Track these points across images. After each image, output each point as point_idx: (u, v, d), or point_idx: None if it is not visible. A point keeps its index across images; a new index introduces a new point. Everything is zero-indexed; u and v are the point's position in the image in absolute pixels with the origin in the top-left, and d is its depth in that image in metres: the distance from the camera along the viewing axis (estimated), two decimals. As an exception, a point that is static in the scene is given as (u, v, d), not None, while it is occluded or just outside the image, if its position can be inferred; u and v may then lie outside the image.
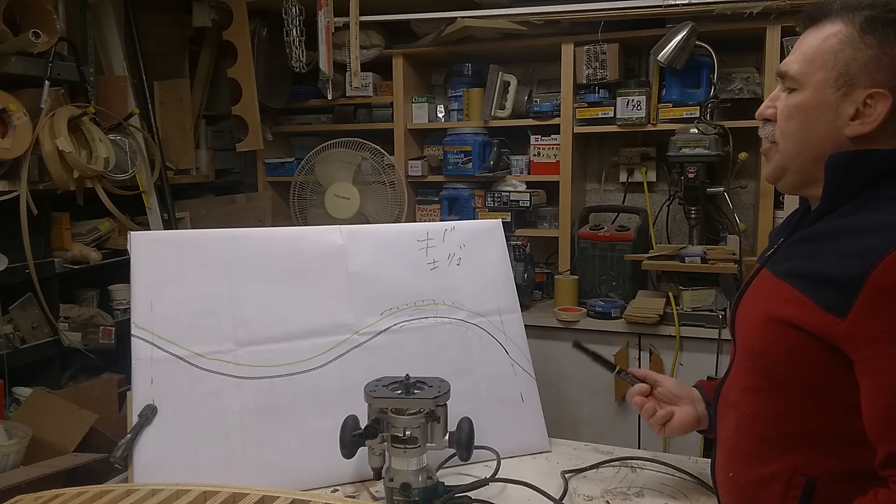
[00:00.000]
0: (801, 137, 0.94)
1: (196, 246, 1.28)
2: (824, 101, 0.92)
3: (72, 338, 2.25)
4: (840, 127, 0.91)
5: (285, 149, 3.12)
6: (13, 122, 1.96)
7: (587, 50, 2.47)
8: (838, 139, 0.91)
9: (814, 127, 0.93)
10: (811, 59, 0.93)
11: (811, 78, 0.93)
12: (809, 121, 0.93)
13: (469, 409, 1.16)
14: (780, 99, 0.97)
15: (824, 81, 0.92)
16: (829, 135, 0.92)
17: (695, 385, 1.20)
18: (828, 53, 0.91)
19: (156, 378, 1.18)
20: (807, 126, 0.93)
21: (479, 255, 1.45)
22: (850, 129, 0.90)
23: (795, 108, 0.94)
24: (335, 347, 1.28)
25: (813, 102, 0.93)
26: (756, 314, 0.95)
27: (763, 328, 0.92)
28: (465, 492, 1.11)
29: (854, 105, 0.90)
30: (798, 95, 0.94)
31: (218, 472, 1.14)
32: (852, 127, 0.90)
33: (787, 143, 0.96)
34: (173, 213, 2.56)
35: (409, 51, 2.74)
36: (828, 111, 0.92)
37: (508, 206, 2.62)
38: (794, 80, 0.95)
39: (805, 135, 0.94)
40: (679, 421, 1.14)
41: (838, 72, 0.91)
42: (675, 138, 2.28)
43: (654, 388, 1.19)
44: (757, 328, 0.94)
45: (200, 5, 2.64)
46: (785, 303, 0.89)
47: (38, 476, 1.65)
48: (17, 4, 2.01)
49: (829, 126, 0.92)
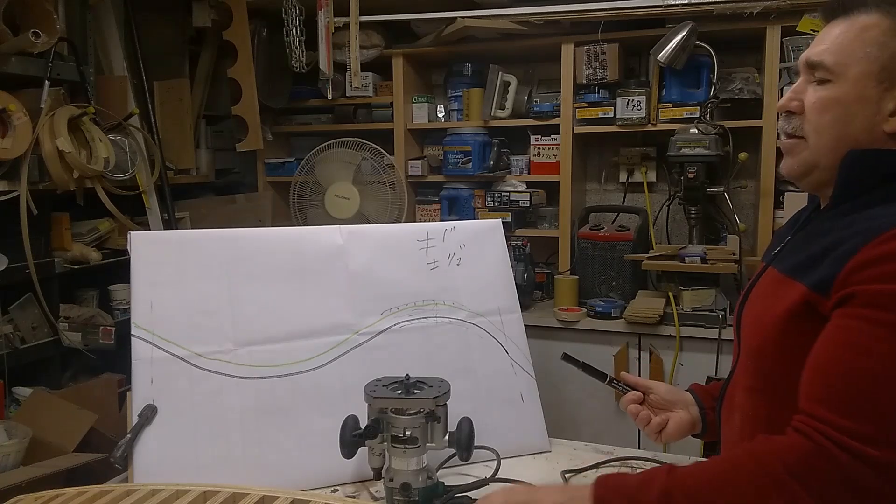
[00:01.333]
0: (838, 132, 0.89)
1: (196, 246, 1.28)
2: (865, 94, 0.88)
3: (72, 338, 2.25)
4: (879, 122, 0.88)
5: (285, 149, 3.12)
6: (13, 122, 1.96)
7: (587, 50, 2.47)
8: (875, 135, 0.88)
9: (852, 121, 0.88)
10: (850, 51, 0.88)
11: (850, 70, 0.88)
12: (848, 115, 0.89)
13: (469, 409, 1.16)
14: (809, 91, 0.93)
15: (865, 74, 0.88)
16: (866, 130, 0.88)
17: (688, 389, 1.19)
18: (870, 45, 0.88)
19: (156, 378, 1.18)
20: (844, 120, 0.89)
21: (479, 255, 1.45)
22: (890, 125, 0.87)
23: (833, 101, 0.89)
24: (335, 347, 1.28)
25: (853, 96, 0.88)
26: (761, 314, 0.94)
27: (771, 329, 0.90)
28: (465, 492, 1.11)
29: (894, 100, 0.87)
30: (834, 88, 0.89)
31: (218, 472, 1.14)
32: (892, 123, 0.87)
33: (822, 138, 0.91)
34: (173, 213, 2.56)
35: (409, 51, 2.74)
36: (868, 105, 0.88)
37: (508, 206, 2.62)
38: (830, 70, 0.89)
39: (841, 129, 0.89)
40: (674, 427, 1.14)
41: (881, 65, 0.87)
42: (675, 138, 2.28)
43: (646, 394, 1.18)
44: (763, 329, 0.92)
45: (200, 5, 2.64)
46: (790, 301, 0.88)
47: (38, 476, 1.65)
48: (17, 4, 2.01)
49: (868, 121, 0.88)
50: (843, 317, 0.81)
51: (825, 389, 0.80)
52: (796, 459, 0.77)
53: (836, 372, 0.80)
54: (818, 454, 0.77)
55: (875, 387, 0.77)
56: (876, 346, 0.77)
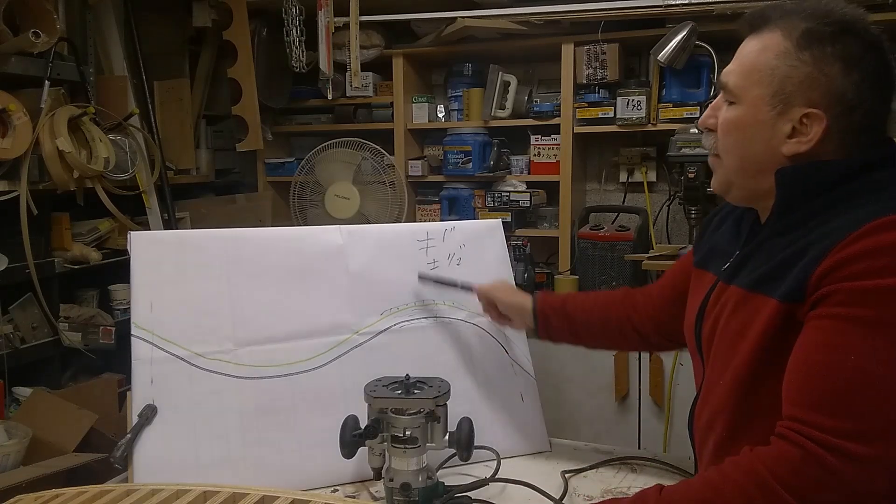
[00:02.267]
0: (740, 154, 0.92)
1: (196, 246, 1.28)
2: (760, 118, 0.89)
3: (72, 338, 2.25)
4: (777, 145, 0.88)
5: (285, 149, 3.11)
6: (13, 122, 1.96)
7: (587, 50, 2.47)
8: (776, 156, 0.89)
9: (752, 144, 0.90)
10: (748, 73, 0.90)
11: (748, 93, 0.90)
12: (747, 137, 0.90)
13: (469, 409, 1.16)
14: (721, 110, 0.94)
15: (761, 98, 0.89)
16: (767, 152, 0.90)
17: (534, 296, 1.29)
18: (764, 69, 0.88)
19: (156, 378, 1.18)
20: (745, 143, 0.91)
21: (479, 255, 1.45)
22: (787, 148, 0.88)
23: (733, 124, 0.92)
24: (335, 347, 1.28)
25: (750, 119, 0.90)
26: (735, 335, 0.91)
27: (750, 348, 0.88)
28: (465, 492, 1.11)
29: (790, 123, 0.87)
30: (736, 109, 0.91)
31: (218, 472, 1.14)
32: (789, 145, 0.88)
33: (729, 159, 0.94)
34: (173, 213, 2.56)
35: (409, 51, 2.74)
36: (764, 129, 0.89)
37: (508, 206, 2.62)
38: (732, 93, 0.92)
39: (744, 151, 0.91)
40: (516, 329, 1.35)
41: (774, 89, 0.88)
42: (675, 138, 2.27)
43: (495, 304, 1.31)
44: (740, 350, 0.90)
45: (200, 5, 2.64)
46: (764, 317, 0.87)
47: (38, 476, 1.65)
48: (17, 4, 2.01)
49: (766, 144, 0.89)
50: (818, 318, 0.81)
51: (806, 392, 0.80)
52: (783, 467, 0.77)
53: (816, 373, 0.79)
54: (804, 459, 0.76)
55: (856, 383, 0.77)
56: (853, 343, 0.77)
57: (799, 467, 0.76)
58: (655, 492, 0.85)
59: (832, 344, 0.79)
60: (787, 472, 0.77)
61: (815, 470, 0.75)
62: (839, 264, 0.79)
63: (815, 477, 0.75)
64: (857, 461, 0.74)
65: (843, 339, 0.78)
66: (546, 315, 1.26)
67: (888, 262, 0.76)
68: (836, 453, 0.75)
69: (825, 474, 0.75)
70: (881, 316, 0.76)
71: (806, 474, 0.76)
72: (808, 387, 0.80)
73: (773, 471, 0.77)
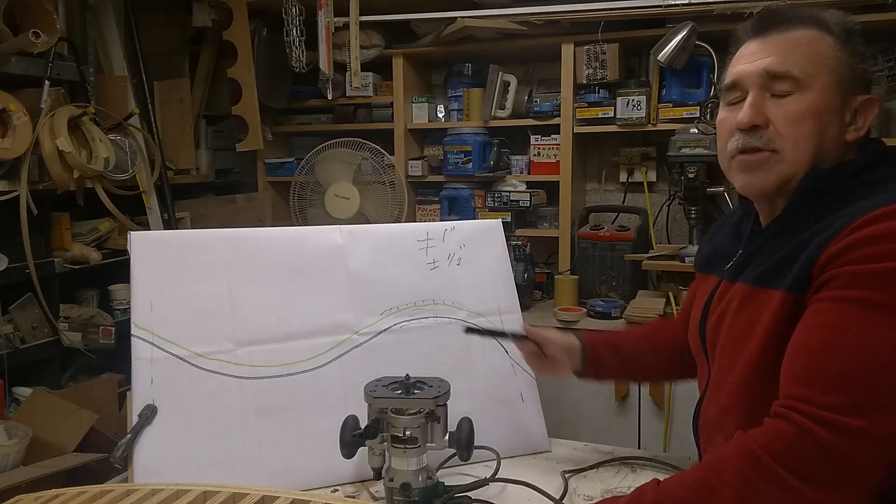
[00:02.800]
0: (815, 142, 0.89)
1: (196, 246, 1.28)
2: (832, 105, 0.89)
3: (72, 338, 2.25)
4: (843, 132, 0.90)
5: (285, 149, 3.12)
6: (13, 122, 1.96)
7: (587, 50, 2.47)
8: (839, 144, 0.91)
9: (827, 131, 0.90)
10: (812, 61, 0.89)
11: (817, 81, 0.89)
12: (822, 125, 0.89)
13: (469, 409, 1.16)
14: (769, 105, 0.91)
15: (829, 85, 0.89)
16: (837, 139, 0.90)
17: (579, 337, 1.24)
18: (828, 58, 0.89)
19: (156, 378, 1.18)
20: (819, 130, 0.89)
21: (479, 254, 1.45)
22: (850, 134, 0.90)
23: (808, 112, 0.89)
24: (335, 347, 1.28)
25: (824, 106, 0.89)
26: (743, 331, 0.93)
27: (759, 342, 0.89)
28: (465, 492, 1.11)
29: (850, 111, 0.90)
30: (804, 99, 0.89)
31: (218, 472, 1.14)
32: (850, 132, 0.90)
33: (800, 150, 0.90)
34: (173, 213, 2.56)
35: (409, 51, 2.74)
36: (836, 115, 0.90)
37: (508, 206, 2.62)
38: (798, 81, 0.89)
39: (819, 140, 0.89)
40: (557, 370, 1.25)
41: (840, 76, 0.89)
42: (675, 138, 2.28)
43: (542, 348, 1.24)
44: (749, 345, 0.91)
45: (200, 5, 2.64)
46: (771, 310, 0.88)
47: (38, 476, 1.65)
48: (17, 4, 2.01)
49: (838, 130, 0.90)
50: (818, 301, 0.82)
51: (801, 369, 0.81)
52: (777, 444, 0.78)
53: (812, 351, 0.81)
54: (798, 435, 0.77)
55: (850, 360, 0.78)
56: (849, 322, 0.78)
57: (793, 443, 0.77)
58: (653, 485, 0.86)
59: (829, 324, 0.80)
60: (781, 448, 0.77)
61: (809, 445, 0.76)
62: (841, 251, 0.80)
63: (809, 452, 0.76)
64: (850, 435, 0.75)
65: (840, 318, 0.79)
66: (595, 350, 1.22)
67: (888, 247, 0.78)
68: (829, 427, 0.75)
69: (819, 449, 0.76)
70: (879, 297, 0.77)
71: (800, 449, 0.76)
72: (803, 364, 0.81)
73: (768, 448, 0.78)
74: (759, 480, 0.77)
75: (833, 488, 0.75)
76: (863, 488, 0.76)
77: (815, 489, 0.75)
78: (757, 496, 0.77)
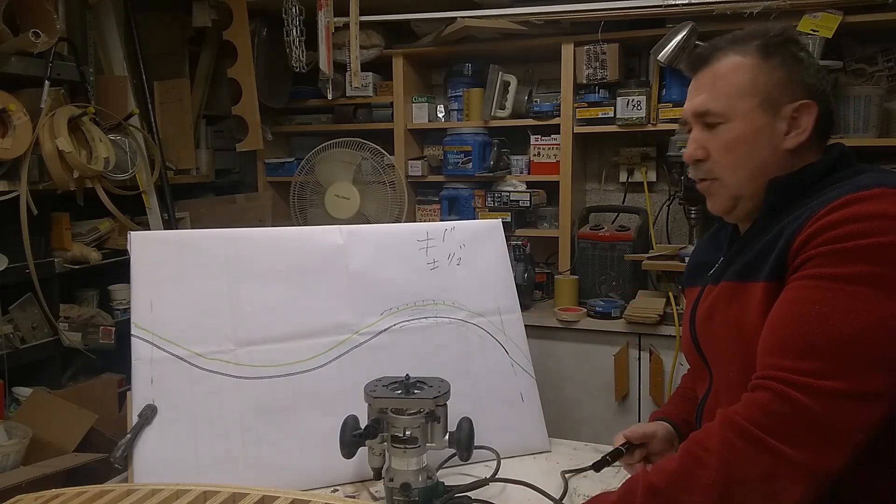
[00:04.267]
0: (749, 164, 0.99)
1: (196, 246, 1.28)
2: (758, 125, 0.97)
3: (72, 338, 2.25)
4: (779, 144, 0.97)
5: (285, 149, 3.12)
6: (13, 122, 1.96)
7: (587, 50, 2.47)
8: (779, 155, 0.98)
9: (758, 151, 0.98)
10: (729, 92, 0.98)
11: (737, 109, 0.98)
12: (752, 147, 0.98)
13: (469, 409, 1.16)
14: (705, 138, 1.01)
15: (752, 108, 0.97)
16: (772, 154, 0.98)
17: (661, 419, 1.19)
18: (744, 83, 0.97)
19: (156, 378, 1.18)
20: (751, 153, 0.98)
21: (479, 255, 1.45)
22: (789, 143, 0.97)
23: (735, 140, 0.99)
24: (335, 347, 1.28)
25: (749, 130, 0.98)
26: (736, 325, 0.97)
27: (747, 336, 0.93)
28: (465, 492, 1.11)
29: (785, 121, 0.96)
30: (730, 128, 0.98)
31: (218, 472, 1.14)
32: (790, 139, 0.97)
33: (737, 174, 1.00)
34: (173, 213, 2.56)
35: (409, 51, 2.74)
36: (765, 133, 0.97)
37: (508, 206, 2.62)
38: (721, 115, 0.98)
39: (751, 160, 0.99)
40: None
41: (761, 97, 0.97)
42: (675, 138, 2.27)
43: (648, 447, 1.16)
44: (739, 341, 0.95)
45: (200, 5, 2.64)
46: (756, 301, 0.93)
47: (38, 476, 1.65)
48: (17, 4, 2.01)
49: (771, 146, 0.97)
50: (794, 281, 0.88)
51: (774, 340, 0.86)
52: (755, 410, 0.82)
53: (784, 323, 0.86)
54: (773, 399, 0.81)
55: (820, 327, 0.82)
56: (818, 295, 0.84)
57: (769, 407, 0.81)
58: (643, 472, 0.89)
59: (800, 298, 0.86)
60: (759, 414, 0.82)
61: (784, 407, 0.80)
62: (812, 235, 0.86)
63: (785, 412, 0.80)
64: (824, 396, 0.79)
65: (810, 293, 0.85)
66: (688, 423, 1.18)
67: (851, 228, 0.84)
68: (803, 390, 0.80)
69: (794, 409, 0.80)
70: (845, 271, 0.83)
71: (777, 412, 0.81)
72: (776, 336, 0.86)
73: (747, 416, 0.82)
74: (742, 445, 0.81)
75: (812, 447, 0.79)
76: (843, 448, 0.79)
77: (796, 448, 0.79)
78: (741, 459, 0.81)
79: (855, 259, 0.82)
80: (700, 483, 0.82)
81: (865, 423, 0.80)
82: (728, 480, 0.80)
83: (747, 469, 0.80)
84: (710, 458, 0.82)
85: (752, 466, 0.80)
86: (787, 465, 0.79)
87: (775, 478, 0.79)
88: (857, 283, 0.82)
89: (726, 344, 0.99)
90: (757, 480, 0.80)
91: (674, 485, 0.83)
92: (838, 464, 0.79)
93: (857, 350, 0.80)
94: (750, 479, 0.80)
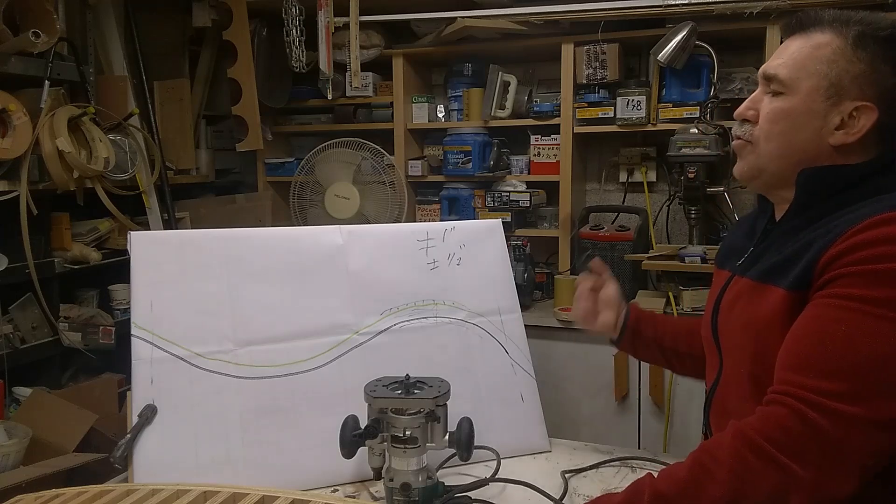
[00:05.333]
0: (786, 141, 0.96)
1: (196, 246, 1.28)
2: (813, 108, 0.94)
3: (72, 338, 2.25)
4: (825, 135, 0.94)
5: (285, 149, 3.11)
6: (13, 122, 1.96)
7: (587, 50, 2.47)
8: (821, 146, 0.95)
9: (799, 132, 0.95)
10: (802, 66, 0.95)
11: (801, 84, 0.95)
12: (796, 126, 0.95)
13: (469, 409, 1.16)
14: (764, 101, 0.99)
15: (815, 89, 0.94)
16: (812, 141, 0.95)
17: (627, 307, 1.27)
18: (821, 62, 0.94)
19: (156, 378, 1.18)
20: (792, 130, 0.96)
21: (479, 255, 1.45)
22: (834, 139, 0.94)
23: (783, 112, 0.96)
24: (335, 347, 1.28)
25: (802, 108, 0.95)
26: (747, 322, 0.97)
27: (761, 334, 0.93)
28: (465, 492, 1.11)
29: (840, 115, 0.93)
30: (786, 100, 0.96)
31: (218, 472, 1.14)
32: (836, 136, 0.93)
33: (770, 146, 0.97)
34: (173, 213, 2.56)
35: (409, 51, 2.74)
36: (815, 118, 0.94)
37: (508, 206, 2.62)
38: (784, 84, 0.96)
39: (790, 139, 0.96)
40: (601, 324, 1.24)
41: (830, 81, 0.93)
42: (675, 138, 2.27)
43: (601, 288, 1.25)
44: (752, 335, 0.95)
45: (200, 5, 2.64)
46: (771, 305, 0.92)
47: (38, 476, 1.65)
48: (17, 4, 2.01)
49: (815, 133, 0.94)
50: (819, 298, 0.86)
51: (795, 356, 0.85)
52: (769, 425, 0.81)
53: (807, 341, 0.85)
54: (789, 416, 0.81)
55: (844, 348, 0.81)
56: (844, 315, 0.82)
57: (784, 423, 0.81)
58: (650, 477, 0.88)
59: (825, 316, 0.84)
60: (773, 429, 0.81)
61: (800, 425, 0.80)
62: (841, 253, 0.84)
63: (799, 430, 0.79)
64: (840, 419, 0.78)
65: (836, 312, 0.83)
66: (639, 318, 1.26)
67: (883, 250, 0.82)
68: (820, 410, 0.79)
69: (808, 428, 0.79)
70: (873, 294, 0.81)
71: (792, 430, 0.80)
72: (797, 353, 0.85)
73: (760, 430, 0.82)
74: (753, 459, 0.80)
75: (822, 468, 0.78)
76: (853, 473, 0.79)
77: (806, 467, 0.78)
78: (751, 474, 0.80)
79: (886, 282, 0.81)
80: (708, 495, 0.81)
81: (878, 449, 0.79)
82: (736, 495, 0.80)
83: (757, 485, 0.80)
84: (720, 470, 0.82)
85: (762, 483, 0.80)
86: (796, 483, 0.78)
87: (783, 495, 0.79)
88: (884, 306, 0.81)
89: (741, 339, 0.99)
90: (765, 497, 0.79)
91: (681, 494, 0.83)
92: (846, 488, 0.79)
93: (879, 376, 0.79)
94: (758, 495, 0.80)
